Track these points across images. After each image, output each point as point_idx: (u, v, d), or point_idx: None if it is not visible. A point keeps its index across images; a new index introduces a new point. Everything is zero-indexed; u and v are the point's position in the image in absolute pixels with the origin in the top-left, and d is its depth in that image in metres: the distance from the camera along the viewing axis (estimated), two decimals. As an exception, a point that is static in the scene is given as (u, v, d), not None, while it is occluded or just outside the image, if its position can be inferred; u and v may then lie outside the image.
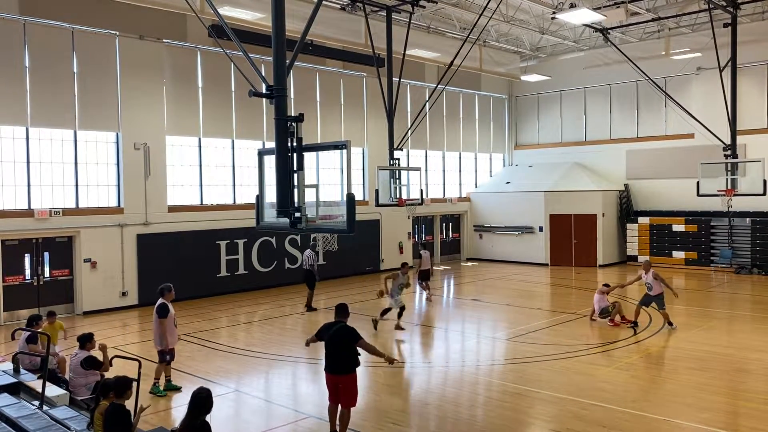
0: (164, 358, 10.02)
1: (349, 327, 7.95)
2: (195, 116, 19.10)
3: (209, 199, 19.59)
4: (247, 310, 17.14)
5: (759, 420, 8.51)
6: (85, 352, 8.75)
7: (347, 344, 7.82)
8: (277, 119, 7.96)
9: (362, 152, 23.88)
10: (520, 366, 11.42)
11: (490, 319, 16.03)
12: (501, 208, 27.33)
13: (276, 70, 8.07)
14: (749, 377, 10.65)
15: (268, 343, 13.51)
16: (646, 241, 25.34)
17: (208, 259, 18.99)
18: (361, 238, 21.69)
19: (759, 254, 22.69)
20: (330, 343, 7.90)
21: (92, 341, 8.90)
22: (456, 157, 28.17)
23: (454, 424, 8.77)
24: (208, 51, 19.03)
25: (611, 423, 8.49)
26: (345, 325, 7.99)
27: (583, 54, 25.67)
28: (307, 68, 21.57)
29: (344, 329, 7.92)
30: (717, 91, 19.67)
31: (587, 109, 27.80)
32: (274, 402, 9.94)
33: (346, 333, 7.88)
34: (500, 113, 30.10)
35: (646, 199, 25.96)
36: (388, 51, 18.55)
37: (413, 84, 25.22)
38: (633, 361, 11.53)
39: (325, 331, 8.06)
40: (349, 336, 7.85)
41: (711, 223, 23.83)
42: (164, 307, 9.97)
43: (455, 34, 22.73)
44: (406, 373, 11.52)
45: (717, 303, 17.87)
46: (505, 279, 22.55)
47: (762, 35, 21.72)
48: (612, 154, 26.73)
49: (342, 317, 8.09)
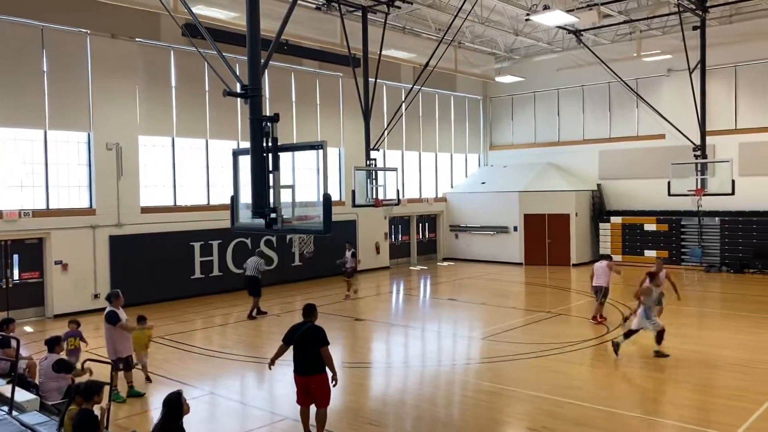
0: (117, 367, 9.58)
1: (318, 327, 7.88)
2: (168, 116, 18.88)
3: (183, 200, 19.38)
4: (221, 312, 16.99)
5: (730, 416, 8.68)
6: (55, 355, 8.60)
7: (317, 345, 7.74)
8: (252, 119, 7.90)
9: (339, 152, 23.84)
10: (496, 365, 11.50)
11: (465, 318, 16.12)
12: (476, 208, 27.50)
13: (251, 70, 8.01)
14: (719, 373, 10.86)
15: (243, 345, 13.41)
16: (618, 241, 25.71)
17: (182, 261, 18.78)
18: (337, 238, 21.63)
19: (728, 253, 23.16)
20: (299, 345, 7.82)
21: (60, 344, 8.74)
22: (432, 158, 28.27)
23: (431, 423, 8.79)
24: (181, 50, 18.83)
25: (585, 420, 8.59)
26: (314, 325, 7.91)
27: (557, 56, 25.95)
28: (282, 68, 21.46)
29: (313, 330, 7.84)
30: (687, 92, 20.03)
31: (560, 110, 28.10)
32: (249, 404, 9.87)
33: (314, 334, 7.80)
34: (475, 114, 30.30)
35: (619, 199, 26.33)
36: (363, 51, 18.54)
37: (389, 84, 25.25)
38: (606, 359, 11.68)
39: (293, 333, 7.96)
40: (318, 337, 7.76)
41: (681, 222, 24.26)
42: (114, 315, 9.72)
43: (431, 35, 22.81)
44: (382, 373, 11.53)
45: (688, 301, 18.14)
46: (480, 278, 22.69)
47: (730, 38, 22.16)
48: (585, 155, 27.07)
49: (310, 317, 8.01)
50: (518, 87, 28.19)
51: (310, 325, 7.90)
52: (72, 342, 10.24)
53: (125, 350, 9.85)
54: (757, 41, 22.04)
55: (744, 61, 23.05)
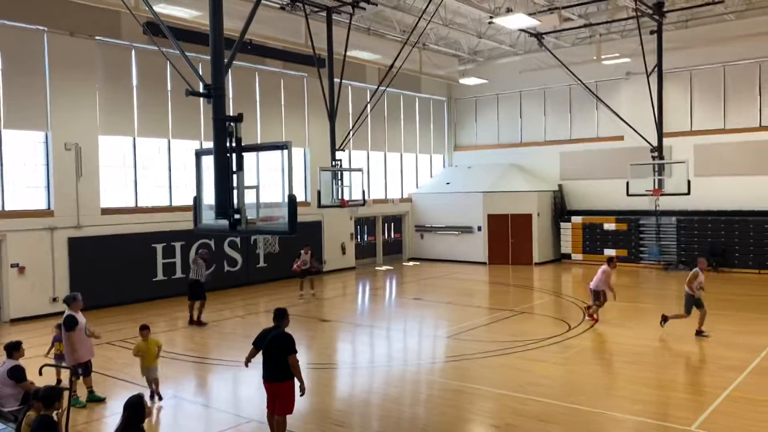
0: (76, 372, 9.27)
1: (286, 335, 7.73)
2: (129, 116, 18.55)
3: (145, 201, 19.06)
4: (185, 314, 16.75)
5: (687, 410, 8.94)
6: (12, 361, 8.36)
7: (283, 352, 7.62)
8: (215, 119, 7.82)
9: (304, 153, 23.75)
10: (461, 363, 11.62)
11: (431, 317, 16.23)
12: (441, 209, 27.71)
13: (214, 69, 7.93)
14: (677, 369, 11.18)
15: (207, 347, 13.26)
16: (579, 240, 26.21)
17: (143, 263, 18.46)
18: (302, 239, 21.54)
19: (684, 251, 23.81)
20: (267, 350, 7.72)
21: (20, 350, 8.50)
22: (397, 158, 28.37)
23: (397, 422, 8.84)
24: (143, 49, 18.51)
25: (549, 417, 8.74)
26: (283, 332, 7.77)
27: (519, 58, 26.33)
28: (246, 67, 21.28)
29: (281, 337, 7.70)
30: (645, 95, 20.51)
31: (523, 112, 28.51)
32: (213, 407, 9.78)
33: (281, 341, 7.67)
34: (440, 115, 30.52)
35: (579, 199, 26.84)
36: (328, 52, 18.52)
37: (354, 85, 25.25)
38: (568, 356, 11.90)
39: (263, 337, 7.86)
40: (285, 345, 7.64)
41: (640, 221, 24.86)
42: (72, 319, 9.42)
43: (395, 37, 22.90)
44: (348, 373, 11.53)
45: (646, 298, 18.65)
46: (445, 278, 22.87)
47: (686, 42, 22.81)
48: (546, 156, 27.52)
49: (279, 322, 7.90)
50: (482, 89, 28.51)
51: (279, 332, 7.77)
52: (58, 347, 10.03)
53: (85, 355, 9.60)
54: (712, 46, 22.72)
55: (699, 65, 23.75)
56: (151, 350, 9.91)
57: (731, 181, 23.18)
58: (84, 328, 9.58)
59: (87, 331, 9.65)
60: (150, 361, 9.85)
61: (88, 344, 9.72)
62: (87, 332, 9.65)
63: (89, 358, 9.75)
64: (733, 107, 23.38)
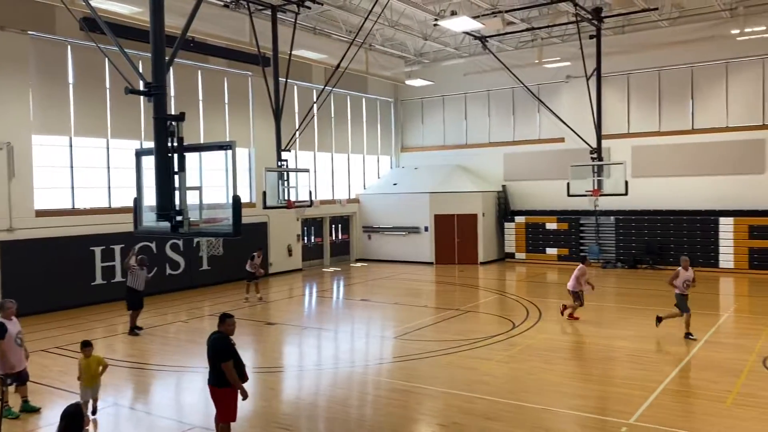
0: (5, 382, 8.81)
1: (219, 341, 7.48)
2: (65, 114, 17.88)
3: (82, 203, 18.41)
4: (125, 319, 16.24)
5: (625, 403, 9.23)
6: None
7: (216, 358, 7.40)
8: (156, 118, 7.62)
9: (249, 153, 23.42)
10: (408, 363, 11.67)
11: (378, 318, 16.26)
12: (389, 209, 27.80)
13: (154, 67, 7.72)
14: (616, 364, 11.52)
15: (148, 353, 12.90)
16: (522, 239, 26.76)
17: (81, 267, 17.82)
18: (247, 241, 21.23)
19: (623, 250, 24.62)
20: (208, 355, 7.56)
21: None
22: (345, 159, 28.32)
23: (344, 424, 8.81)
24: (79, 45, 17.88)
25: (494, 414, 8.87)
26: (219, 336, 7.53)
27: (464, 61, 26.69)
28: (188, 65, 20.84)
29: (215, 342, 7.48)
30: (584, 98, 21.12)
31: (468, 114, 28.91)
32: (155, 414, 9.52)
33: (215, 346, 7.45)
34: (387, 116, 30.62)
35: (522, 199, 27.40)
36: (273, 51, 18.30)
37: (300, 85, 25.07)
38: (512, 354, 12.12)
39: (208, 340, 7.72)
40: (217, 351, 7.41)
41: (580, 221, 25.57)
42: (1, 327, 8.95)
43: (341, 37, 22.85)
44: (295, 376, 11.43)
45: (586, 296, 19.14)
46: (393, 278, 22.96)
47: (623, 47, 23.60)
48: (491, 157, 27.99)
49: (219, 326, 7.63)
50: (428, 90, 28.77)
51: (215, 337, 7.54)
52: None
53: (17, 364, 9.14)
54: (647, 51, 23.58)
55: (635, 69, 24.60)
56: (91, 368, 9.06)
57: (666, 181, 24.12)
58: (15, 337, 9.09)
59: (18, 340, 9.16)
60: (88, 381, 9.03)
61: (20, 353, 9.22)
62: (18, 341, 9.16)
63: (22, 367, 9.28)
64: (668, 110, 24.33)
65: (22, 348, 9.26)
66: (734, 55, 22.76)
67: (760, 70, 22.53)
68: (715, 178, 23.29)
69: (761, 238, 22.04)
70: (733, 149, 22.91)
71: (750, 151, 22.67)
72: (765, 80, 22.47)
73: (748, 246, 22.29)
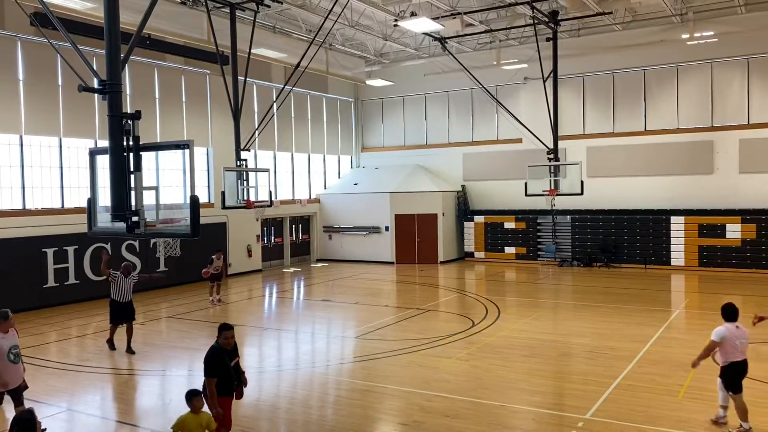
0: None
1: (207, 355, 7.23)
2: (15, 112, 17.32)
3: (34, 203, 17.87)
4: (79, 322, 15.87)
5: (581, 399, 9.43)
6: None
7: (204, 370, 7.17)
8: (110, 116, 7.47)
9: (207, 152, 23.09)
10: (369, 363, 11.70)
11: (339, 318, 16.23)
12: (349, 209, 27.78)
13: (109, 64, 7.57)
14: (572, 360, 11.77)
15: (104, 356, 12.60)
16: (481, 239, 27.08)
17: (32, 269, 17.29)
18: (206, 241, 20.94)
19: (578, 248, 25.14)
20: None
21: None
22: (305, 159, 28.18)
23: (304, 425, 8.78)
24: (30, 41, 17.36)
25: (453, 412, 8.97)
26: (209, 350, 7.26)
27: (424, 61, 26.86)
28: (144, 63, 20.44)
29: (205, 355, 7.22)
30: (541, 99, 21.51)
31: (428, 114, 29.10)
32: (111, 419, 9.32)
33: (204, 359, 7.19)
34: (347, 116, 30.59)
35: (481, 199, 27.73)
36: (232, 49, 18.09)
37: (260, 84, 24.84)
38: (472, 352, 12.26)
39: None
40: (204, 363, 7.15)
41: (537, 220, 26.02)
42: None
43: (301, 36, 22.74)
44: (254, 378, 11.32)
45: (543, 294, 19.53)
46: (354, 278, 22.95)
47: (578, 50, 24.11)
48: (450, 157, 28.25)
49: (217, 338, 7.33)
50: (388, 90, 28.87)
51: (209, 349, 7.28)
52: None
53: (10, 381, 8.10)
54: (601, 54, 24.15)
55: (590, 71, 25.15)
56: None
57: (620, 181, 24.73)
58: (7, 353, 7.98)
59: (11, 355, 8.03)
60: None
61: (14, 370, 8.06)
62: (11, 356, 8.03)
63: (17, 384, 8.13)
64: (622, 112, 24.94)
65: (19, 364, 8.17)
66: (684, 59, 23.49)
67: (708, 74, 23.30)
68: (667, 178, 23.99)
69: (710, 236, 22.80)
70: (684, 150, 23.64)
71: (699, 152, 23.42)
72: (713, 83, 23.25)
73: (697, 244, 23.03)
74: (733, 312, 8.06)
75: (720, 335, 7.94)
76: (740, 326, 8.04)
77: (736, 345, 7.91)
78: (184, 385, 10.82)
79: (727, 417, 8.21)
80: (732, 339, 7.90)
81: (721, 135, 23.17)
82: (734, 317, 8.04)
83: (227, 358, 7.29)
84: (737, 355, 7.92)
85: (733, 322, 8.01)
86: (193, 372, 11.23)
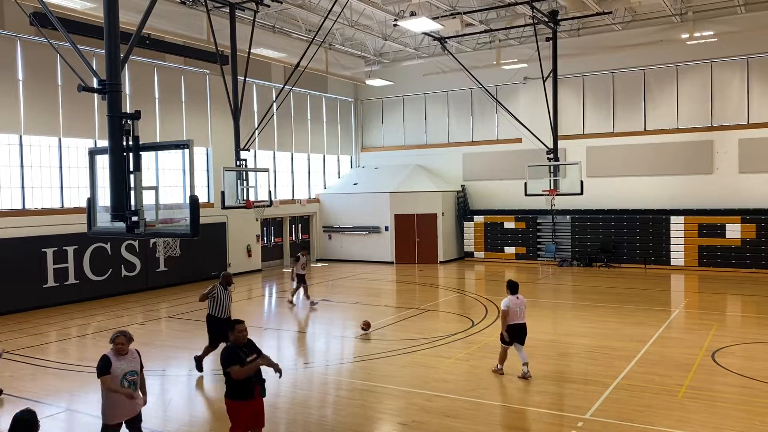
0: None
1: (222, 353, 7.07)
2: (15, 112, 17.32)
3: (34, 203, 17.86)
4: (79, 322, 15.86)
5: (581, 399, 9.43)
6: None
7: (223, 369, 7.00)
8: (110, 116, 7.46)
9: (206, 152, 23.08)
10: (368, 363, 11.69)
11: (339, 318, 16.22)
12: (349, 209, 27.78)
13: (109, 64, 7.56)
14: (572, 360, 11.76)
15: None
16: (481, 238, 27.08)
17: (32, 269, 17.28)
18: (206, 241, 20.95)
19: (578, 248, 25.14)
20: None
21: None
22: (304, 159, 28.17)
23: (304, 425, 8.78)
24: (29, 41, 17.35)
25: (453, 412, 8.96)
26: (224, 349, 7.14)
27: (423, 61, 26.84)
28: (144, 63, 20.43)
29: (221, 355, 7.10)
30: (541, 99, 21.50)
31: (427, 114, 29.10)
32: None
33: (220, 359, 7.05)
34: (347, 116, 30.58)
35: (481, 199, 27.73)
36: (232, 49, 18.08)
37: (259, 83, 24.83)
38: (472, 352, 12.26)
39: None
40: (221, 362, 7.00)
41: (537, 220, 26.02)
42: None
43: (301, 36, 22.73)
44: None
45: (543, 294, 19.52)
46: (353, 278, 22.94)
47: (578, 50, 24.09)
48: (450, 157, 28.25)
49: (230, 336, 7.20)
50: (388, 90, 28.86)
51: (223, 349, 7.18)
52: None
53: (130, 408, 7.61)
54: (601, 54, 24.13)
55: (590, 71, 25.15)
56: None
57: (620, 181, 24.73)
58: (121, 379, 7.32)
59: (125, 382, 7.34)
60: None
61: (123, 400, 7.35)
62: (124, 383, 7.33)
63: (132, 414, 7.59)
64: (621, 112, 24.95)
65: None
66: (684, 59, 23.49)
67: (708, 73, 23.30)
68: (667, 178, 24.00)
69: (710, 236, 22.80)
70: (683, 150, 23.64)
71: (699, 151, 23.43)
72: (713, 83, 23.26)
73: (697, 244, 23.03)
74: (515, 286, 10.62)
75: (505, 304, 10.46)
76: (520, 296, 10.56)
77: (516, 312, 10.42)
78: (184, 385, 10.84)
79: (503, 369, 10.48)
80: (514, 307, 10.43)
81: (720, 135, 23.17)
82: (516, 291, 10.56)
83: (242, 354, 7.05)
84: (517, 319, 10.45)
85: (514, 295, 10.50)
86: (193, 372, 11.22)
